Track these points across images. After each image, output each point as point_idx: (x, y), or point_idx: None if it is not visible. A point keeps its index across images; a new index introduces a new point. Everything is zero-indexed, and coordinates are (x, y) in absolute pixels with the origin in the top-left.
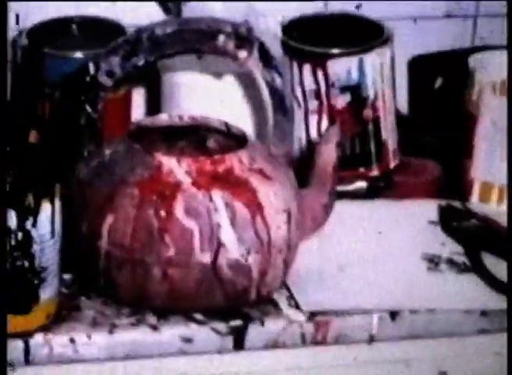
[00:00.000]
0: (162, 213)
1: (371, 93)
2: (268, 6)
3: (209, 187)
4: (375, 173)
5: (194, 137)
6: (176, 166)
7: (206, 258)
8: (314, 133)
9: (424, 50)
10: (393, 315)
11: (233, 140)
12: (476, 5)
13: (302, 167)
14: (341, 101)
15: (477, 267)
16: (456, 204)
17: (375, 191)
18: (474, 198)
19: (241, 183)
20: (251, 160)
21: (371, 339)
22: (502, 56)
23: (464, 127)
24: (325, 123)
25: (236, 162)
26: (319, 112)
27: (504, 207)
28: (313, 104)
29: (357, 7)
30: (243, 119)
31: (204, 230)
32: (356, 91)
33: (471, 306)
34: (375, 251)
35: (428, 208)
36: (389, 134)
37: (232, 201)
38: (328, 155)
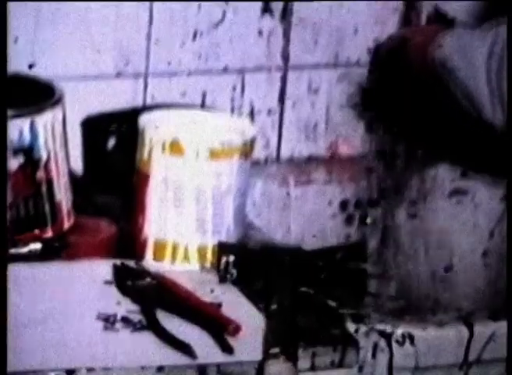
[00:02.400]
0: None
1: (43, 154)
2: None
3: None
4: (49, 234)
5: None
6: None
7: None
8: None
9: (96, 109)
10: (69, 373)
11: None
12: (146, 64)
13: None
14: (13, 163)
15: (152, 325)
16: (131, 263)
17: (50, 253)
18: (149, 256)
19: None
20: None
21: None
22: (172, 115)
23: (137, 186)
24: None
25: None
26: None
27: (177, 265)
28: None
29: (30, 66)
30: None
31: None
32: (28, 152)
33: (148, 363)
34: (51, 312)
35: (102, 268)
36: (62, 195)
37: None
38: None
